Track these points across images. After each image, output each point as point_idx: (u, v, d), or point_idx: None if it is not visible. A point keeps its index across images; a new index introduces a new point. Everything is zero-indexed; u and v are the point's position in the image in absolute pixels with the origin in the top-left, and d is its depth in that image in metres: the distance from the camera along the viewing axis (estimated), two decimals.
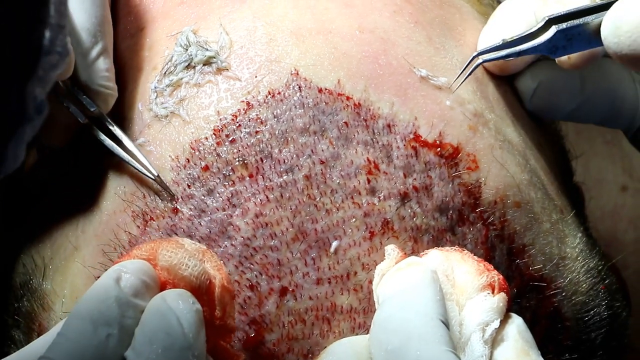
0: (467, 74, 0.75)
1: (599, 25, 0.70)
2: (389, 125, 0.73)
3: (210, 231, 0.71)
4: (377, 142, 0.73)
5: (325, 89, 0.74)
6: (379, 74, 0.75)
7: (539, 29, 0.74)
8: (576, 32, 0.72)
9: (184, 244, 0.68)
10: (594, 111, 0.84)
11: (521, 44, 0.76)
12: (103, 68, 0.76)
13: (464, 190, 0.74)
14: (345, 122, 0.73)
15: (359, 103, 0.74)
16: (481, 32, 0.82)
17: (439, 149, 0.74)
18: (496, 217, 0.75)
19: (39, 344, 0.62)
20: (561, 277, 0.78)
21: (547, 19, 0.73)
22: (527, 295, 0.75)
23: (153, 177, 0.73)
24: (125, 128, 0.77)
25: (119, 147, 0.75)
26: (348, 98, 0.74)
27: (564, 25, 0.73)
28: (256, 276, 0.70)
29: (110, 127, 0.76)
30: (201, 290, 0.65)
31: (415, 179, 0.73)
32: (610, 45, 0.68)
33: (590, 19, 0.71)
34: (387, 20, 0.79)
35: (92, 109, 0.76)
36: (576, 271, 0.79)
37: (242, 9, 0.79)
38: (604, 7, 0.70)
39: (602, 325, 0.81)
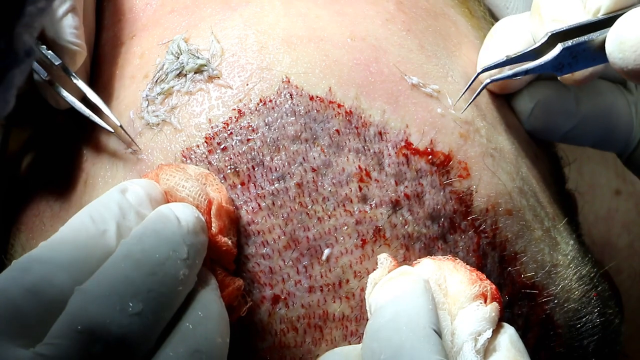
0: (474, 95, 0.75)
1: (603, 41, 0.70)
2: (380, 133, 0.73)
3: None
4: (369, 150, 0.73)
5: (317, 97, 0.74)
6: (370, 81, 0.75)
7: (542, 45, 0.74)
8: (581, 49, 0.72)
9: (185, 168, 0.69)
10: (589, 132, 0.84)
11: (525, 60, 0.75)
12: (71, 24, 0.76)
13: (455, 198, 0.74)
14: (337, 130, 0.73)
15: (350, 111, 0.74)
16: (480, 50, 0.82)
17: (430, 156, 0.74)
18: (488, 225, 0.75)
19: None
20: (553, 284, 0.78)
21: (549, 34, 0.73)
22: (519, 302, 0.75)
23: (116, 128, 0.75)
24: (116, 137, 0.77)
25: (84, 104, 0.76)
26: (339, 106, 0.74)
27: (569, 43, 0.72)
28: (248, 284, 0.70)
29: (75, 81, 0.76)
30: (200, 209, 0.67)
31: (406, 186, 0.72)
32: (615, 61, 0.68)
33: (594, 35, 0.71)
34: (379, 28, 0.79)
35: (56, 63, 0.75)
36: (568, 278, 0.79)
37: (233, 17, 0.79)
38: (607, 23, 0.70)
39: (595, 332, 0.81)
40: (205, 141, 0.73)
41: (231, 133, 0.73)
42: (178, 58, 0.77)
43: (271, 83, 0.75)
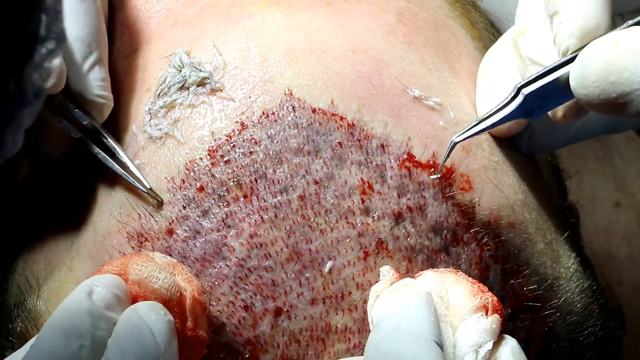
0: (444, 158, 0.74)
1: (569, 77, 0.70)
2: (382, 146, 0.73)
3: (204, 252, 0.71)
4: (371, 162, 0.73)
5: (319, 109, 0.74)
6: (372, 94, 0.75)
7: (511, 98, 0.73)
8: (548, 90, 0.71)
9: (154, 258, 0.68)
10: (595, 128, 0.83)
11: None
12: (98, 77, 0.76)
13: (457, 211, 0.74)
14: (339, 142, 0.73)
15: (352, 123, 0.74)
16: (476, 94, 0.82)
17: (432, 169, 0.74)
18: (490, 238, 0.75)
19: (15, 357, 0.62)
20: (555, 297, 0.78)
21: (517, 87, 0.72)
22: (522, 315, 0.75)
23: (146, 191, 0.73)
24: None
25: (113, 160, 0.76)
26: (342, 118, 0.74)
27: (533, 88, 0.71)
28: (251, 297, 0.70)
29: (104, 140, 0.76)
30: (172, 302, 0.66)
31: (409, 199, 0.73)
32: (580, 97, 0.68)
33: (559, 74, 0.71)
34: (380, 40, 0.79)
35: (84, 122, 0.76)
36: (570, 291, 0.79)
37: (235, 30, 0.79)
38: (572, 59, 0.70)
39: (597, 345, 0.81)
40: (208, 154, 0.73)
41: (234, 146, 0.73)
42: (180, 71, 0.77)
43: (273, 96, 0.75)
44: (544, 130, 0.80)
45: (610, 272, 1.20)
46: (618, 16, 0.78)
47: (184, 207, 0.72)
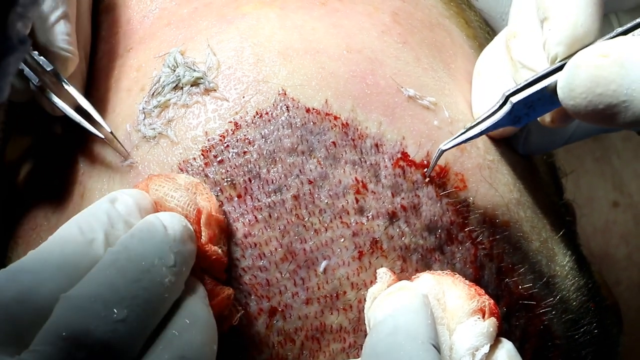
0: (431, 165, 0.74)
1: (556, 84, 0.70)
2: (376, 145, 0.73)
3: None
4: (365, 162, 0.73)
5: (313, 109, 0.74)
6: (366, 93, 0.75)
7: (499, 106, 0.73)
8: (535, 98, 0.71)
9: (175, 178, 0.69)
10: (592, 127, 0.83)
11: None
12: (63, 31, 0.76)
13: (452, 210, 0.74)
14: (333, 142, 0.73)
15: (346, 123, 0.74)
16: (472, 93, 0.82)
17: (426, 168, 0.74)
18: (485, 236, 0.75)
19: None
20: (551, 295, 0.78)
21: (505, 95, 0.72)
22: (517, 313, 0.75)
23: (106, 134, 0.74)
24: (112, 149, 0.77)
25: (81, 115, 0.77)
26: (336, 118, 0.74)
27: (521, 96, 0.71)
28: (245, 296, 0.70)
29: (66, 87, 0.76)
30: (189, 219, 0.66)
31: (403, 198, 0.72)
32: (568, 107, 0.67)
33: (547, 82, 0.70)
34: (375, 40, 0.79)
35: (48, 69, 0.75)
36: (566, 289, 0.79)
37: (230, 30, 0.79)
38: (560, 68, 0.70)
39: (593, 343, 0.81)
40: (202, 154, 0.73)
41: (228, 146, 0.73)
42: (174, 71, 0.77)
43: (267, 95, 0.75)
44: (540, 132, 0.80)
45: (608, 272, 1.21)
46: (613, 15, 0.77)
47: None
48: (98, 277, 0.59)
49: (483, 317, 0.66)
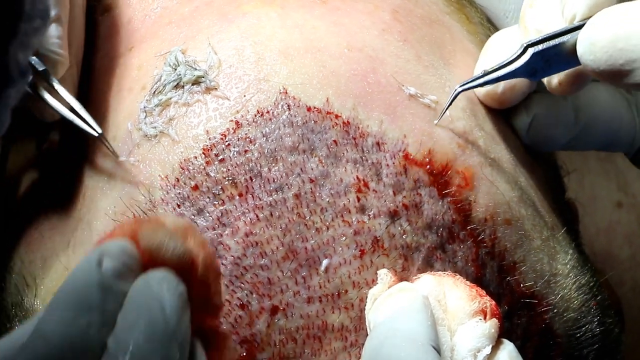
0: (447, 104, 0.75)
1: (575, 43, 0.70)
2: (378, 143, 0.73)
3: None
4: (367, 160, 0.73)
5: (314, 108, 0.74)
6: (367, 92, 0.75)
7: (517, 55, 0.74)
8: (553, 53, 0.72)
9: (165, 222, 0.66)
10: (592, 139, 0.84)
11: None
12: (54, 35, 0.76)
13: (453, 208, 0.74)
14: (334, 141, 0.73)
15: (347, 121, 0.74)
16: (476, 66, 0.82)
17: (428, 166, 0.74)
18: (486, 235, 0.75)
19: (20, 333, 0.59)
20: (552, 293, 0.78)
21: (524, 45, 0.73)
22: (519, 312, 0.75)
23: (97, 135, 0.74)
24: (114, 148, 0.77)
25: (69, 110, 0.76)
26: (337, 116, 0.74)
27: (539, 47, 0.72)
28: (247, 295, 0.70)
29: (56, 86, 0.76)
30: (184, 270, 0.64)
31: (404, 196, 0.72)
32: (587, 63, 0.68)
33: (566, 38, 0.71)
34: (375, 38, 0.79)
35: (40, 69, 0.75)
36: (567, 288, 0.79)
37: (230, 29, 0.79)
38: (579, 27, 0.70)
39: (595, 342, 0.81)
40: (203, 152, 0.73)
41: (229, 144, 0.73)
42: (175, 70, 0.77)
43: (268, 94, 0.75)
44: (546, 120, 0.80)
45: (611, 273, 1.20)
46: None
47: (178, 206, 0.72)
48: None
49: (484, 318, 0.66)
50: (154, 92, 0.77)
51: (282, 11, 0.80)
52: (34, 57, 0.75)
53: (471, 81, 0.75)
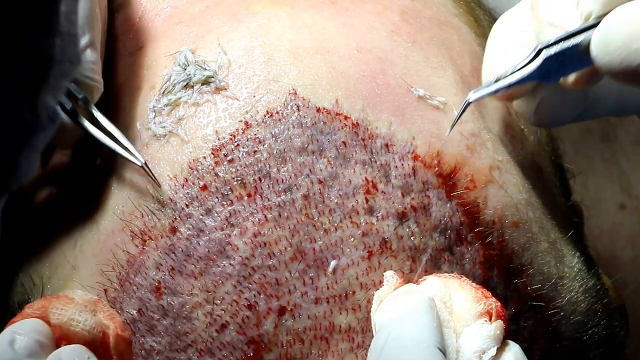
0: (458, 114, 0.74)
1: (590, 42, 0.70)
2: (387, 145, 0.73)
3: (208, 251, 0.71)
4: (375, 162, 0.73)
5: (324, 109, 0.74)
6: (376, 93, 0.75)
7: (531, 59, 0.73)
8: (568, 54, 0.71)
9: (74, 298, 0.68)
10: (602, 110, 0.81)
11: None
12: (89, 60, 0.76)
13: (462, 210, 0.74)
14: (343, 142, 0.73)
15: (357, 122, 0.74)
16: (485, 54, 0.80)
17: (437, 168, 0.74)
18: (494, 237, 0.75)
19: None
20: (559, 296, 0.78)
21: (538, 48, 0.72)
22: (525, 315, 0.75)
23: (140, 165, 0.73)
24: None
25: (106, 135, 0.76)
26: (346, 117, 0.74)
27: (553, 50, 0.71)
28: (254, 296, 0.70)
29: (96, 115, 0.76)
30: (96, 342, 0.66)
31: (413, 198, 0.72)
32: (601, 64, 0.67)
33: (580, 38, 0.70)
34: (384, 39, 0.79)
35: (79, 96, 0.75)
36: (574, 291, 0.79)
37: (240, 29, 0.79)
38: (594, 26, 0.69)
39: (601, 345, 0.81)
40: (212, 153, 0.73)
41: (238, 145, 0.73)
42: (185, 69, 0.77)
43: (278, 95, 0.75)
44: (553, 100, 0.79)
45: (614, 275, 1.20)
46: None
47: (187, 206, 0.72)
48: None
49: (490, 319, 0.66)
50: (164, 91, 0.77)
51: (292, 11, 0.80)
52: (72, 84, 0.75)
53: (483, 89, 0.74)
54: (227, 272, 0.70)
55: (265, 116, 0.74)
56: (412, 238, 0.72)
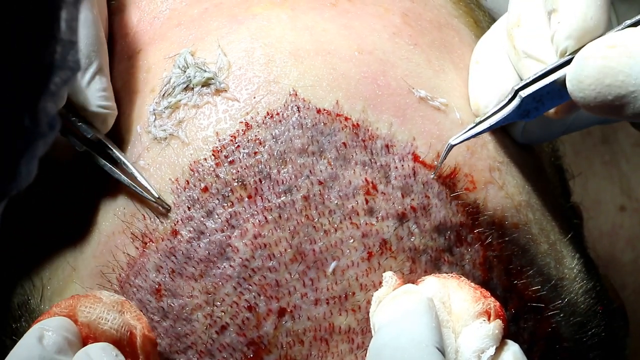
0: (440, 160, 0.74)
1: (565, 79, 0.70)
2: (387, 146, 0.73)
3: (209, 253, 0.71)
4: (376, 163, 0.73)
5: (324, 110, 0.74)
6: (377, 94, 0.75)
7: (508, 100, 0.73)
8: (545, 92, 0.71)
9: (101, 298, 0.68)
10: (589, 118, 0.82)
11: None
12: (99, 88, 0.76)
13: (462, 211, 0.74)
14: (344, 143, 0.73)
15: (357, 124, 0.74)
16: (469, 80, 0.81)
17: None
18: (494, 238, 0.75)
19: None
20: (559, 298, 0.78)
21: (514, 89, 0.72)
22: (525, 316, 0.75)
23: (154, 200, 0.73)
24: (124, 151, 0.77)
25: (119, 169, 0.75)
26: (346, 119, 0.74)
27: (530, 90, 0.71)
28: (254, 297, 0.70)
29: (109, 151, 0.76)
30: (123, 342, 0.66)
31: (413, 199, 0.72)
32: (577, 100, 0.67)
33: (556, 76, 0.70)
34: (386, 42, 0.79)
35: (88, 135, 0.75)
36: (574, 292, 0.79)
37: (240, 31, 0.79)
38: (568, 62, 0.69)
39: (600, 346, 0.81)
40: (213, 154, 0.73)
41: (238, 146, 0.73)
42: (185, 72, 0.77)
43: (278, 96, 0.75)
44: (540, 120, 0.80)
45: (614, 276, 1.21)
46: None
47: (189, 208, 0.72)
48: None
49: (489, 319, 0.66)
50: (163, 94, 0.77)
51: (293, 13, 0.80)
52: (81, 124, 0.75)
53: (464, 133, 0.74)
54: (227, 274, 0.71)
55: (265, 117, 0.74)
56: (412, 239, 0.72)
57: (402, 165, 0.73)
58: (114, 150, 0.76)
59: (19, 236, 0.84)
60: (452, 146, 0.73)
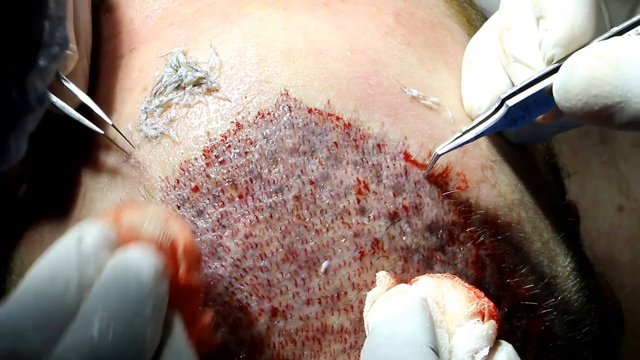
0: (428, 168, 0.74)
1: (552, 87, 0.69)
2: (379, 145, 0.73)
3: (200, 252, 0.71)
4: (367, 162, 0.73)
5: (315, 109, 0.74)
6: (369, 94, 0.75)
7: (495, 109, 0.73)
8: (532, 101, 0.71)
9: (147, 208, 0.67)
10: None
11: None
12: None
13: (454, 210, 0.74)
14: (335, 142, 0.73)
15: (348, 123, 0.74)
16: (462, 82, 0.81)
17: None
18: (487, 237, 0.74)
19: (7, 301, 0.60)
20: (552, 296, 0.78)
21: (501, 98, 0.72)
22: (518, 314, 0.75)
23: (106, 132, 0.75)
24: (115, 149, 0.77)
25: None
26: (338, 118, 0.74)
27: (517, 99, 0.71)
28: (246, 297, 0.70)
29: (66, 85, 0.76)
30: (163, 248, 0.65)
31: (405, 198, 0.72)
32: (564, 110, 0.67)
33: (543, 85, 0.70)
34: (378, 41, 0.79)
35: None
36: (567, 290, 0.79)
37: (232, 30, 0.79)
38: (555, 70, 0.69)
39: (594, 344, 0.81)
40: (204, 154, 0.73)
41: (229, 146, 0.73)
42: (177, 71, 0.77)
43: (270, 96, 0.74)
44: (531, 122, 0.80)
45: (612, 276, 1.20)
46: (602, 1, 0.77)
47: (179, 207, 0.72)
48: (80, 338, 0.57)
49: (482, 319, 0.66)
50: (155, 93, 0.77)
51: (285, 13, 0.80)
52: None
53: (451, 142, 0.73)
54: (219, 274, 0.70)
55: (256, 117, 0.74)
56: (403, 238, 0.72)
57: (394, 165, 0.73)
58: (70, 84, 0.76)
59: (11, 235, 0.84)
60: (439, 155, 0.73)
